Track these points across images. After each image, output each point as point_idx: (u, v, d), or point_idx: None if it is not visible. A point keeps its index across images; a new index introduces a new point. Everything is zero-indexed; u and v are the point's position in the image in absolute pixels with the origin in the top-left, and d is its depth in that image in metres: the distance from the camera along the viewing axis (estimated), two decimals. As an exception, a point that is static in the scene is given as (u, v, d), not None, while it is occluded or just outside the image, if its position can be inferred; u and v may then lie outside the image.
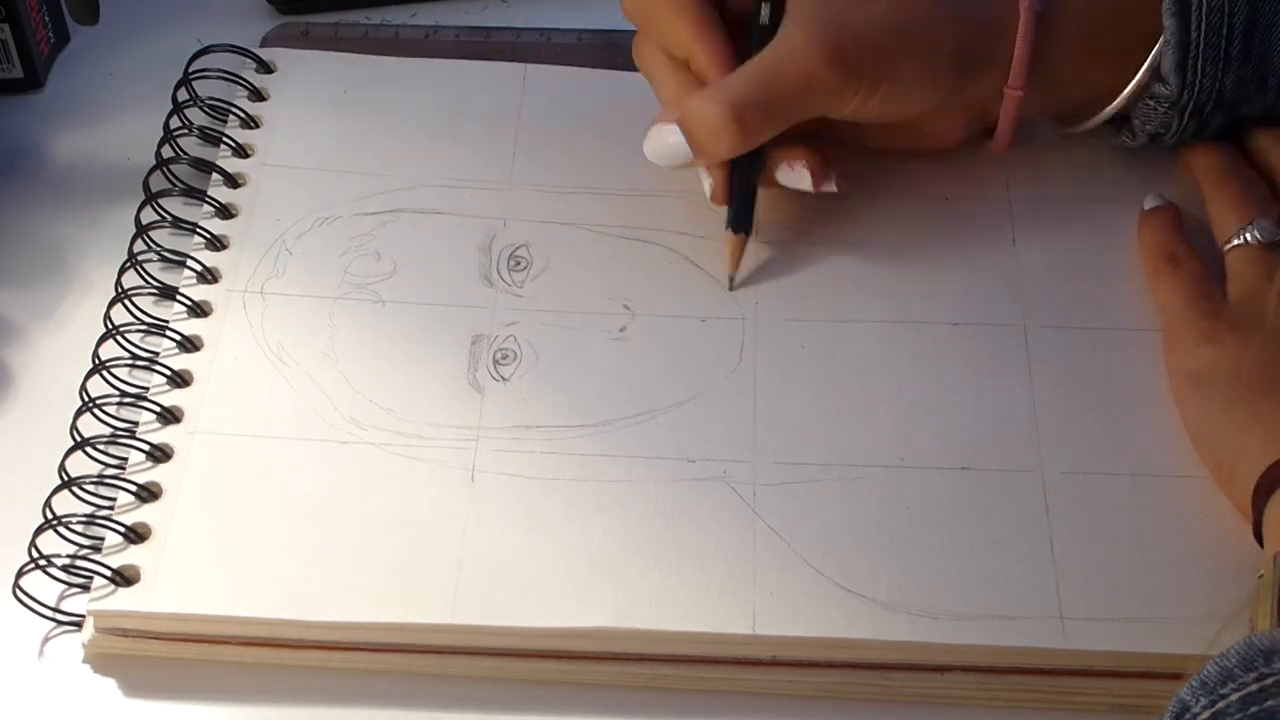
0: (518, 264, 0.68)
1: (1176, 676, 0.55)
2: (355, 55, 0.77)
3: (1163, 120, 0.68)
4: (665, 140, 0.66)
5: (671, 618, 0.57)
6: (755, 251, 0.69)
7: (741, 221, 0.67)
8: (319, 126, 0.73)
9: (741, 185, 0.67)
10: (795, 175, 0.67)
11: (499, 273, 0.68)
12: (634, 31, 0.70)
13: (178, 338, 0.65)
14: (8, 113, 0.77)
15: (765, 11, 0.67)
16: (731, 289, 0.67)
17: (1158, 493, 0.61)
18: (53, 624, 0.58)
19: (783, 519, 0.60)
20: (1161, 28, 0.65)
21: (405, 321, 0.66)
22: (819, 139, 0.68)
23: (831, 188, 0.67)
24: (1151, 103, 0.68)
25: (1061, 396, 0.64)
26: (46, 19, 0.79)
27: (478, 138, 0.73)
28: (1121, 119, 0.70)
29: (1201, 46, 0.65)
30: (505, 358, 0.65)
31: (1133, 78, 0.67)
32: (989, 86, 0.67)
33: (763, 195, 0.69)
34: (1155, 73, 0.67)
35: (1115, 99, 0.68)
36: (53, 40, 0.79)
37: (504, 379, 0.64)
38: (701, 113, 0.65)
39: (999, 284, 0.68)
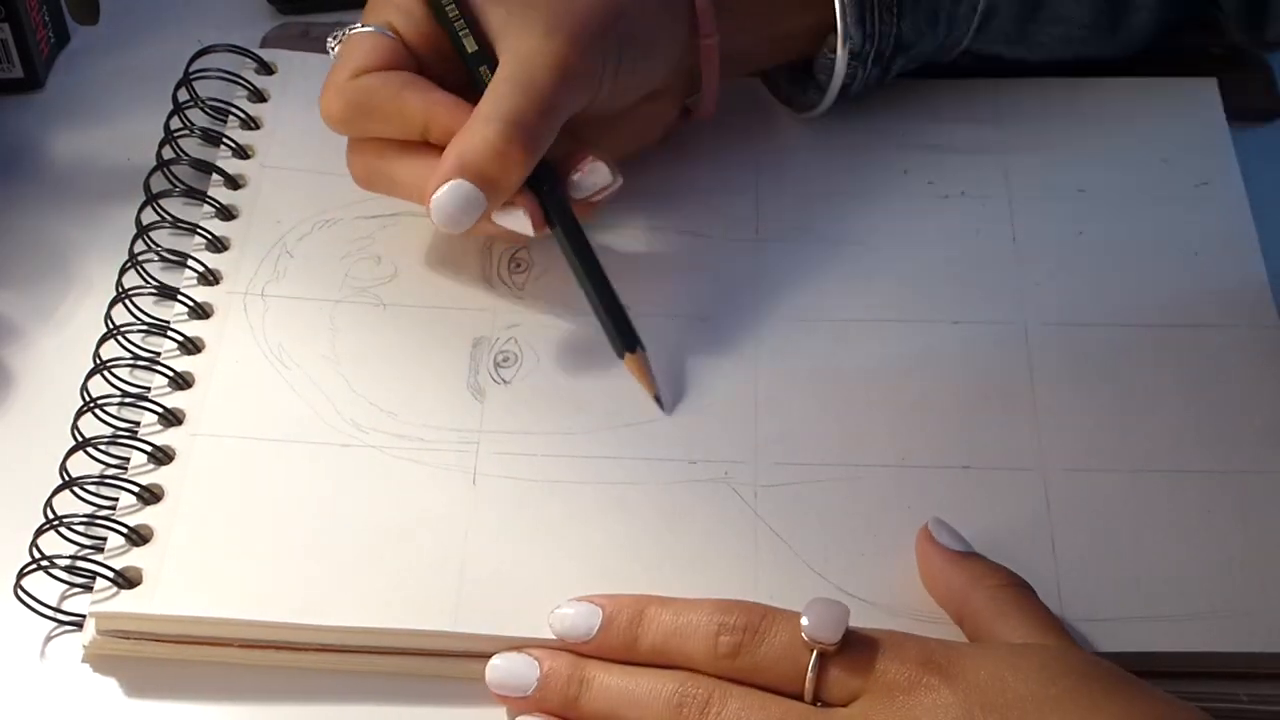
0: (518, 266, 0.68)
1: (1178, 675, 0.56)
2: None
3: (849, 72, 0.70)
4: (453, 197, 0.61)
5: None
6: (755, 251, 0.69)
7: (628, 339, 0.64)
8: (319, 128, 0.72)
9: (606, 302, 0.64)
10: (592, 175, 0.65)
11: (499, 275, 0.68)
12: None
13: (179, 339, 0.65)
14: (8, 113, 0.77)
15: (469, 42, 0.64)
16: (665, 411, 0.63)
17: (1159, 490, 0.61)
18: (54, 624, 0.58)
19: (784, 520, 0.60)
20: None
21: (406, 324, 0.66)
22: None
23: (619, 179, 0.65)
24: (830, 55, 0.69)
25: (1062, 394, 0.64)
26: (46, 19, 0.79)
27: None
28: (804, 80, 0.72)
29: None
30: (506, 360, 0.65)
31: (806, 20, 0.69)
32: (690, 46, 0.68)
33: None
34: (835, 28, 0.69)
35: (795, 48, 0.70)
36: (53, 40, 0.79)
37: (505, 382, 0.64)
38: (478, 145, 0.61)
39: (999, 281, 0.68)
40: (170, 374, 0.63)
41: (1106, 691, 0.50)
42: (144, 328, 0.65)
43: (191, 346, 0.65)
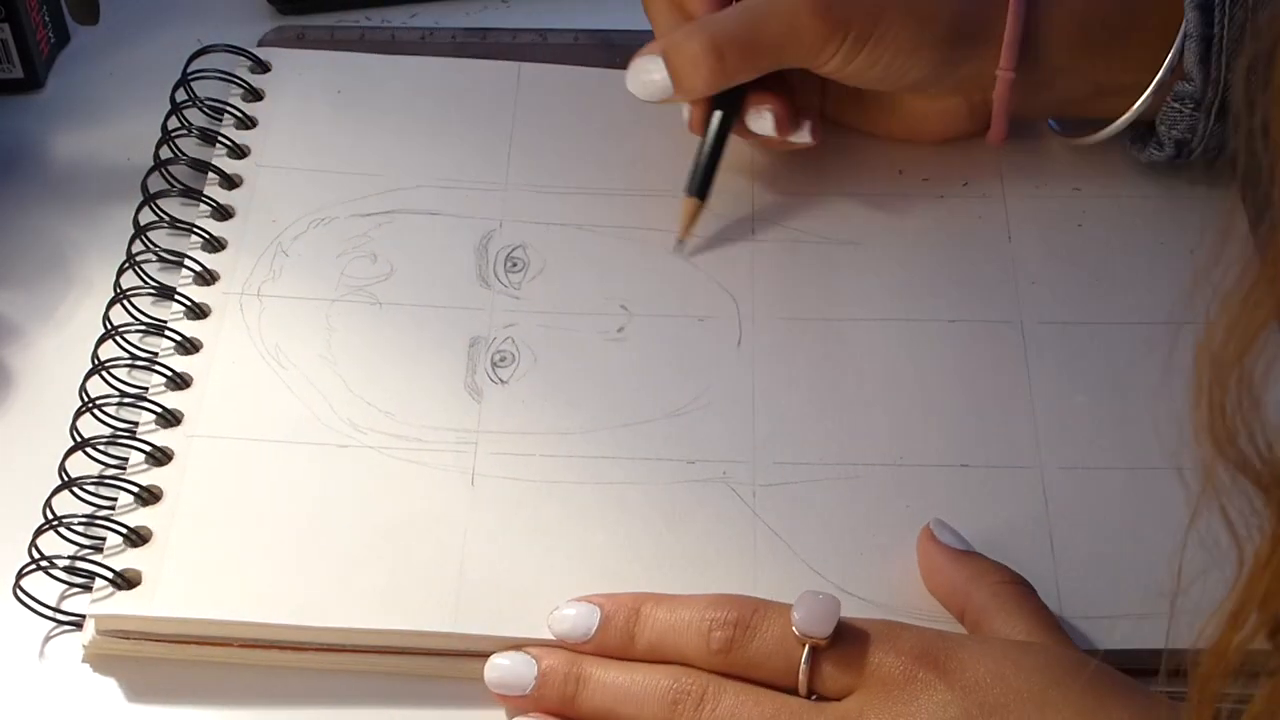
0: (514, 265, 0.68)
1: (1176, 673, 0.56)
2: (350, 54, 0.77)
3: (1188, 123, 0.66)
4: (647, 72, 0.66)
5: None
6: (752, 250, 0.69)
7: (700, 186, 0.68)
8: (314, 127, 0.73)
9: (710, 152, 0.68)
10: (761, 120, 0.68)
11: (496, 274, 0.68)
12: (629, 31, 0.70)
13: (177, 338, 0.65)
14: (8, 113, 0.77)
15: None
16: (674, 251, 0.68)
17: (1156, 487, 0.60)
18: (53, 624, 0.58)
19: (783, 520, 0.60)
20: (1175, 19, 0.63)
21: (403, 324, 0.66)
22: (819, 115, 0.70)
23: (805, 137, 0.68)
24: (1175, 104, 0.66)
25: (1059, 392, 0.64)
26: (46, 19, 0.79)
27: (473, 138, 0.73)
28: (1144, 130, 0.68)
29: (1225, 40, 0.63)
30: (503, 360, 0.65)
31: (1137, 78, 0.66)
32: (982, 69, 0.67)
33: (747, 182, 0.70)
34: (1176, 70, 0.65)
35: (1125, 99, 0.67)
36: (53, 40, 0.79)
37: (502, 381, 0.64)
38: (683, 45, 0.65)
39: (996, 280, 0.68)
40: (168, 374, 0.63)
41: (1106, 694, 0.50)
42: (142, 328, 0.65)
43: (189, 346, 0.65)
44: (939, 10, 0.66)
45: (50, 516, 0.59)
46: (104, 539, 0.59)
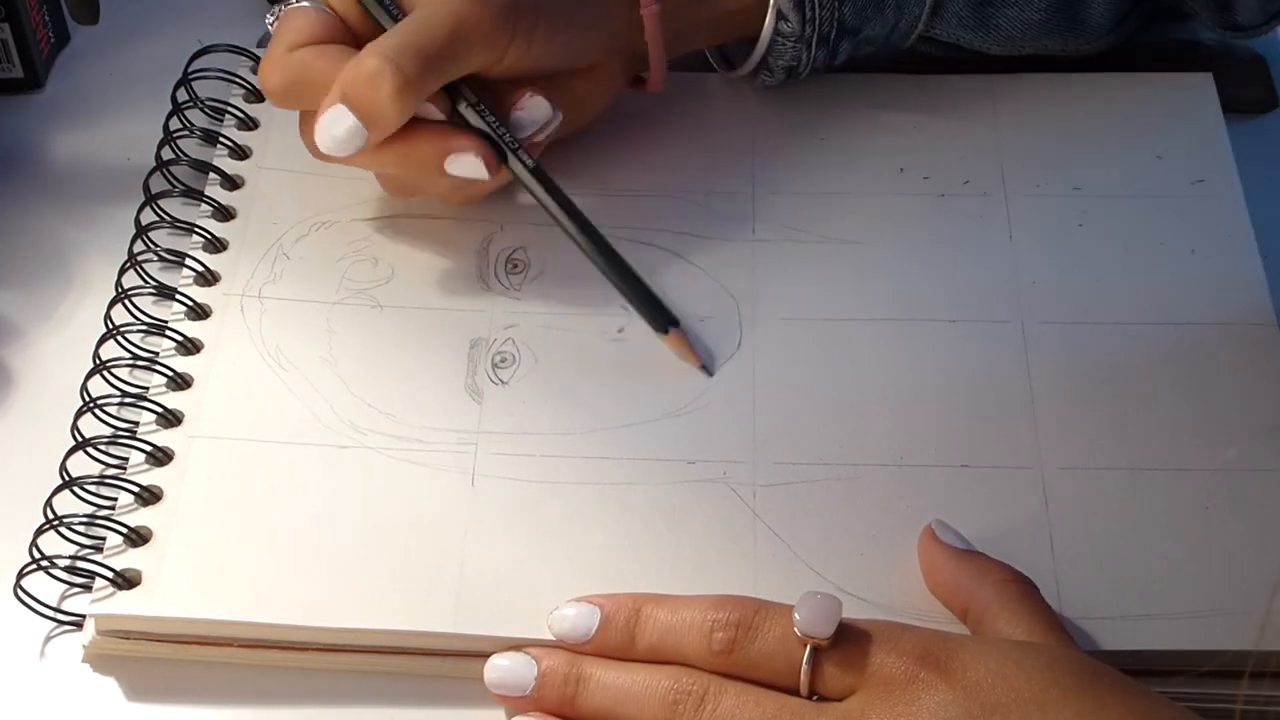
0: (515, 267, 0.68)
1: (1176, 674, 0.56)
2: (352, 55, 0.77)
3: (792, 54, 0.71)
4: (332, 122, 0.62)
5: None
6: (752, 250, 0.69)
7: (664, 316, 0.65)
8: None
9: (636, 286, 0.65)
10: (532, 110, 0.66)
11: (496, 276, 0.68)
12: None
13: (178, 339, 0.65)
14: (8, 113, 0.77)
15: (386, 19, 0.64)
16: (712, 375, 0.65)
17: (1156, 487, 0.61)
18: (53, 624, 0.58)
19: (783, 520, 0.60)
20: None
21: (403, 326, 0.66)
22: None
23: (558, 116, 0.67)
24: (779, 39, 0.70)
25: (1059, 392, 0.64)
26: (46, 19, 0.79)
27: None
28: (757, 67, 0.72)
29: None
30: (504, 361, 0.65)
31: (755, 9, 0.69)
32: (630, 14, 0.68)
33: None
34: (776, 10, 0.69)
35: (745, 24, 0.70)
36: (53, 40, 0.79)
37: (503, 382, 0.64)
38: (359, 72, 0.61)
39: (996, 280, 0.68)
40: (169, 374, 0.63)
41: (1107, 695, 0.50)
42: (143, 328, 0.65)
43: (190, 347, 0.65)
44: None
45: (51, 516, 0.59)
46: (104, 539, 0.59)
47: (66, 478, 0.61)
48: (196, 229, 0.68)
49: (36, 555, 0.59)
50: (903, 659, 0.52)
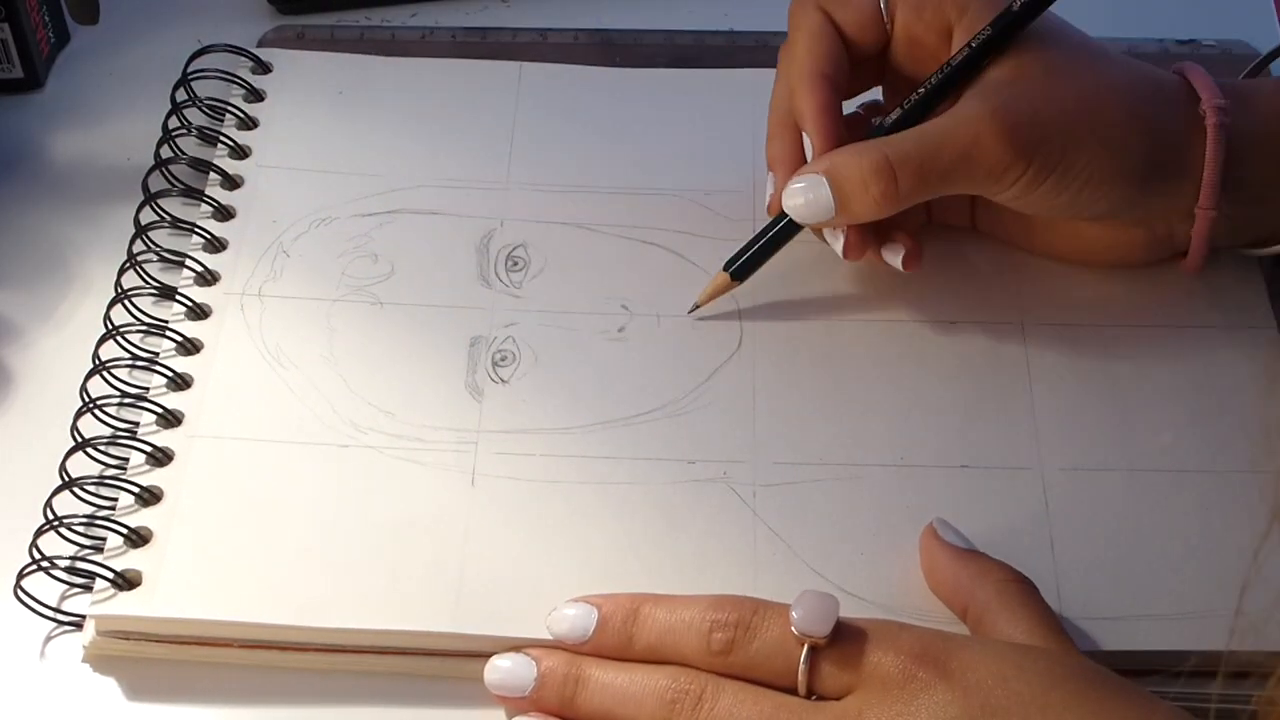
0: (515, 264, 0.68)
1: (1175, 674, 0.56)
2: (351, 55, 0.77)
3: None
4: (808, 191, 0.62)
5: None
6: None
7: (741, 270, 0.66)
8: (315, 127, 0.73)
9: (768, 244, 0.66)
10: (835, 236, 0.65)
11: (497, 273, 0.68)
12: (629, 30, 0.69)
13: (178, 339, 0.65)
14: (8, 113, 0.77)
15: (960, 57, 0.63)
16: (690, 313, 0.66)
17: (1156, 488, 0.61)
18: (54, 624, 0.58)
19: (783, 520, 0.60)
20: None
21: (403, 324, 0.66)
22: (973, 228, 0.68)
23: (895, 263, 0.65)
24: None
25: (1059, 393, 0.64)
26: (46, 19, 0.79)
27: (474, 137, 0.73)
28: None
29: None
30: (504, 359, 0.65)
31: None
32: (1173, 204, 0.64)
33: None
34: None
35: None
36: (53, 40, 0.79)
37: (503, 381, 0.64)
38: (851, 165, 0.61)
39: (996, 281, 0.68)
40: (169, 374, 0.63)
41: (1107, 700, 0.50)
42: (143, 328, 0.65)
43: (190, 347, 0.65)
44: (1133, 140, 0.62)
45: (51, 517, 0.59)
46: (104, 539, 0.59)
47: (66, 478, 0.60)
48: (196, 229, 0.68)
49: (37, 556, 0.58)
50: (901, 658, 0.52)
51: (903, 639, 0.52)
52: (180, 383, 0.63)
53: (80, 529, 0.59)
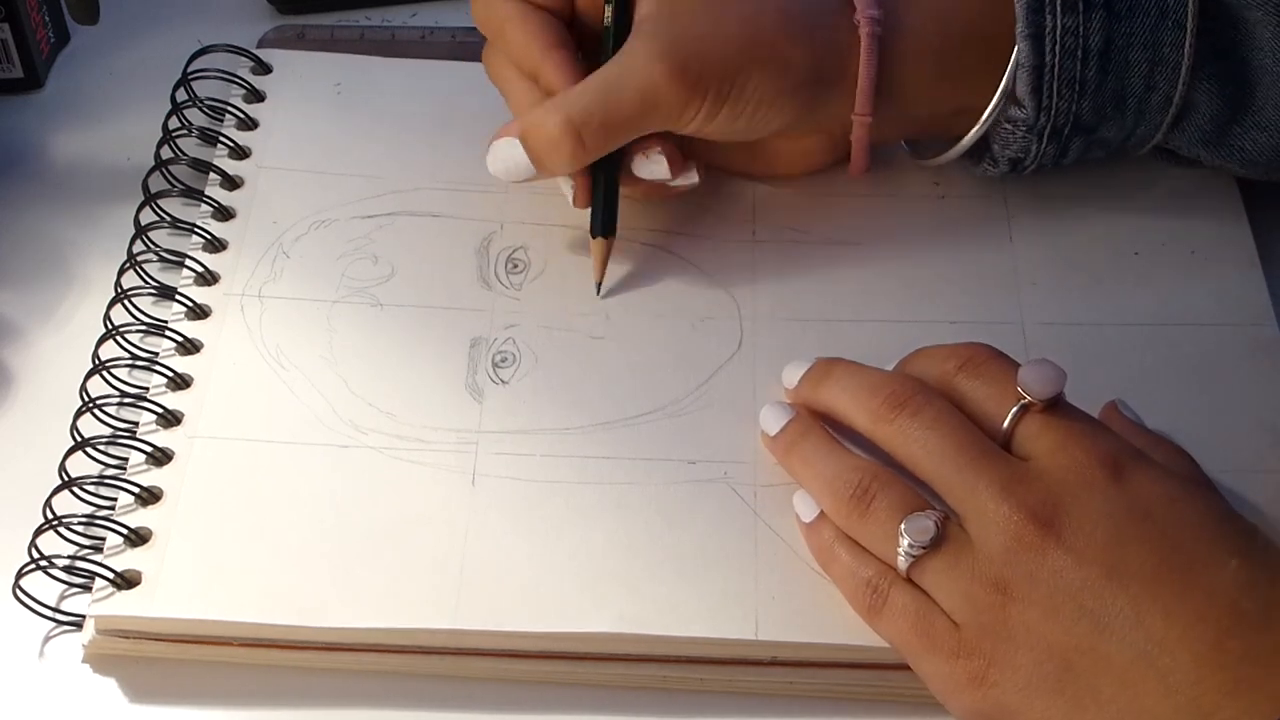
0: (515, 266, 0.68)
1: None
2: (351, 56, 0.77)
3: (1021, 144, 0.67)
4: (507, 154, 0.65)
5: (674, 623, 0.57)
6: (752, 250, 0.69)
7: (604, 225, 0.67)
8: (315, 129, 0.73)
9: (604, 188, 0.67)
10: (651, 165, 0.67)
11: (497, 275, 0.68)
12: None
13: (178, 339, 0.65)
14: (8, 113, 0.77)
15: (609, 15, 0.67)
16: (600, 295, 0.67)
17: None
18: (53, 624, 0.58)
19: (784, 520, 0.60)
20: (1013, 49, 0.64)
21: (404, 325, 0.66)
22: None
23: (693, 178, 0.67)
24: (1009, 126, 0.67)
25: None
26: (46, 19, 0.79)
27: (474, 139, 0.72)
28: (980, 146, 0.68)
29: (1057, 70, 0.64)
30: (504, 360, 0.65)
31: (984, 100, 0.66)
32: (840, 110, 0.67)
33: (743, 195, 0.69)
34: (1010, 96, 0.65)
35: (970, 123, 0.67)
36: (53, 40, 0.79)
37: (503, 382, 0.64)
38: (540, 127, 0.64)
39: (996, 281, 0.68)
40: (169, 374, 0.63)
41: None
42: (143, 328, 0.65)
43: (190, 347, 0.65)
44: (793, 60, 0.64)
45: (50, 516, 0.59)
46: (104, 539, 0.59)
47: (66, 478, 0.60)
48: (196, 229, 0.68)
49: (36, 555, 0.58)
50: (1089, 456, 0.53)
51: (1099, 442, 0.54)
52: (180, 383, 0.63)
53: (80, 528, 0.59)
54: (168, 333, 0.65)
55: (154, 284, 0.66)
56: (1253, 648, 0.49)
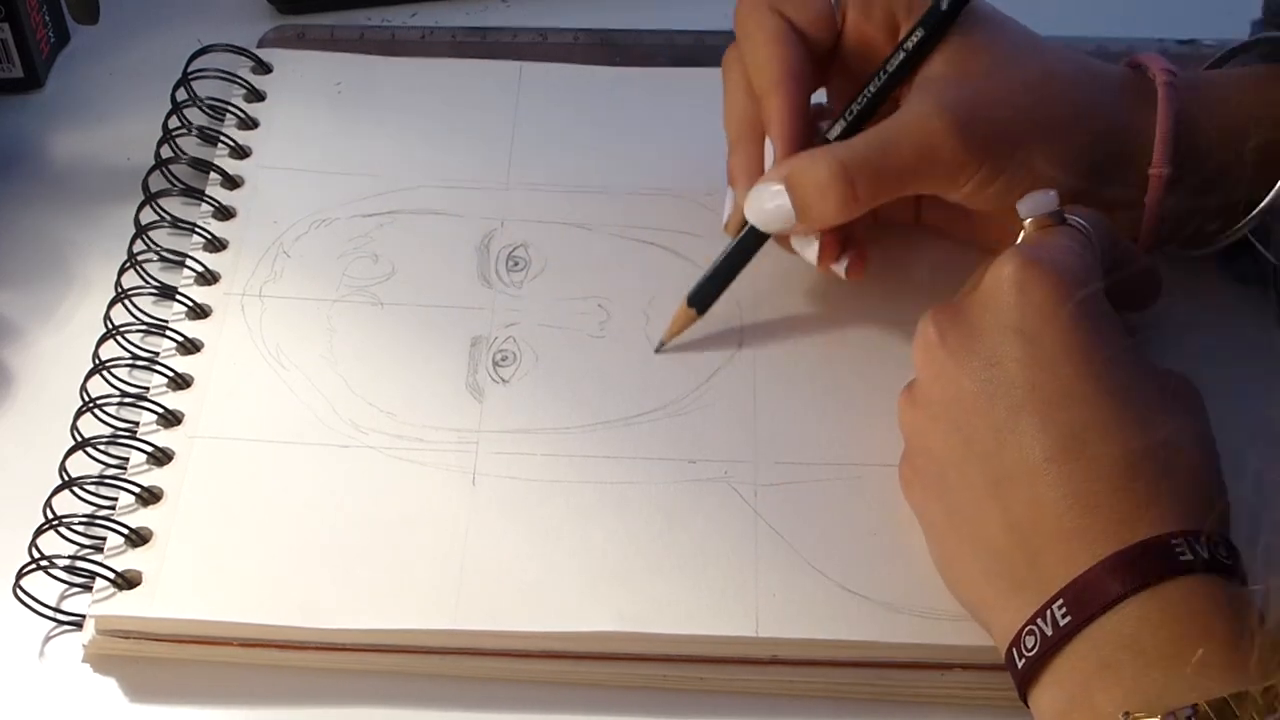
0: (516, 264, 0.68)
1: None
2: (351, 55, 0.77)
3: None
4: (771, 200, 0.62)
5: (674, 621, 0.57)
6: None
7: (704, 300, 0.65)
8: (315, 128, 0.73)
9: (728, 269, 0.65)
10: (803, 244, 0.64)
11: (497, 273, 0.68)
12: (629, 30, 0.69)
13: (178, 339, 0.65)
14: (8, 113, 0.77)
15: (897, 60, 0.63)
16: (657, 352, 0.65)
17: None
18: (53, 624, 0.58)
19: (784, 519, 0.60)
20: None
21: (404, 324, 0.66)
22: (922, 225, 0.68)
23: (839, 273, 0.65)
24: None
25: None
26: (46, 19, 0.79)
27: (474, 138, 0.73)
28: (1242, 242, 0.65)
29: None
30: (505, 359, 0.65)
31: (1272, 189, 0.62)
32: (1121, 195, 0.63)
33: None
34: None
35: (1250, 211, 0.63)
36: (53, 40, 0.79)
37: (504, 381, 0.64)
38: (809, 172, 0.61)
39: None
40: (169, 374, 0.63)
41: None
42: (143, 328, 0.65)
43: (190, 346, 0.65)
44: (1081, 130, 0.62)
45: (50, 516, 0.59)
46: (104, 539, 0.59)
47: (66, 478, 0.60)
48: (196, 228, 0.68)
49: (36, 555, 0.58)
50: (1008, 285, 0.54)
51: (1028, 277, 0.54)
52: (180, 382, 0.63)
53: (80, 528, 0.59)
54: (168, 332, 0.65)
55: (154, 284, 0.66)
56: (1082, 494, 0.51)
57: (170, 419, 0.62)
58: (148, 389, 0.63)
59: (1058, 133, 0.61)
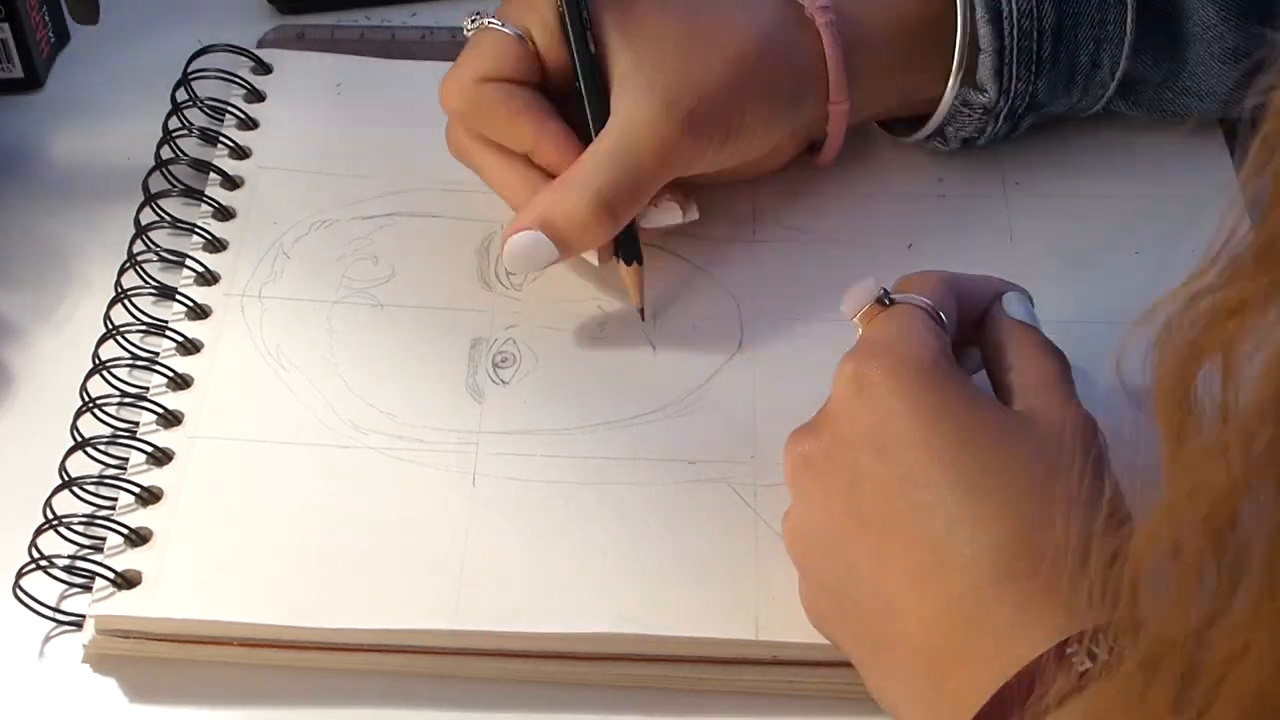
0: (516, 266, 0.68)
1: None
2: (351, 57, 0.77)
3: (977, 125, 0.69)
4: (530, 247, 0.62)
5: (674, 623, 0.57)
6: (752, 250, 0.69)
7: (630, 251, 0.65)
8: (315, 129, 0.73)
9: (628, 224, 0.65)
10: (664, 214, 0.66)
11: (497, 275, 0.68)
12: None
13: (178, 339, 0.65)
14: (8, 113, 0.77)
15: (580, 78, 0.64)
16: (645, 319, 0.66)
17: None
18: (53, 624, 0.58)
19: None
20: (965, 34, 0.66)
21: (404, 325, 0.66)
22: None
23: (694, 214, 0.67)
24: (966, 110, 0.68)
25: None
26: (46, 19, 0.79)
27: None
28: (932, 133, 0.70)
29: (1015, 52, 0.66)
30: (505, 361, 0.65)
31: (944, 81, 0.67)
32: (816, 111, 0.67)
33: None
34: (970, 80, 0.67)
35: (932, 103, 0.69)
36: (53, 40, 0.79)
37: (504, 382, 0.64)
38: (566, 211, 0.62)
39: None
40: (169, 374, 0.63)
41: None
42: (143, 328, 0.65)
43: (190, 347, 0.65)
44: (780, 82, 0.65)
45: (50, 516, 0.59)
46: (104, 539, 0.59)
47: (66, 478, 0.60)
48: (196, 229, 0.68)
49: (36, 555, 0.58)
50: (852, 382, 0.55)
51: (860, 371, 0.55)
52: (180, 383, 0.63)
53: (80, 528, 0.59)
54: (168, 333, 0.65)
55: (154, 284, 0.66)
56: (966, 606, 0.49)
57: (170, 419, 0.62)
58: (147, 389, 0.63)
59: (764, 89, 0.65)
